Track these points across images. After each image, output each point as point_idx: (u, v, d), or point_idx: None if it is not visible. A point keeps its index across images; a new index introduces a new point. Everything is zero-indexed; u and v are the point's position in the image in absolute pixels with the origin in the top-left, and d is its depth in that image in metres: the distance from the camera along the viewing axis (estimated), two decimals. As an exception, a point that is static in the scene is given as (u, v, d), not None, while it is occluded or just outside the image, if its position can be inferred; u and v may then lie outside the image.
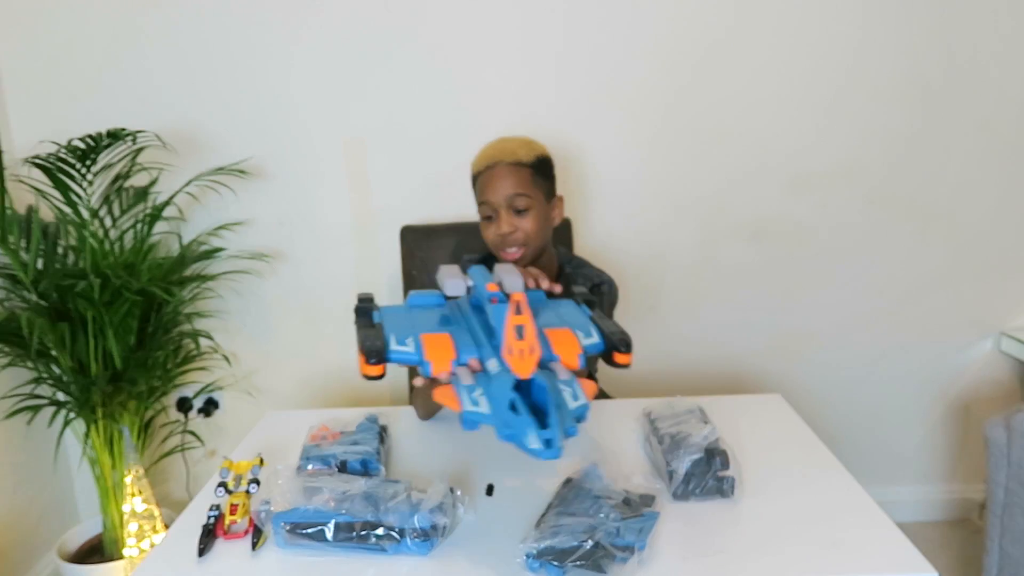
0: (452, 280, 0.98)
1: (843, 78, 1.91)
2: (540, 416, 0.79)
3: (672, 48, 1.89)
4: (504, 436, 0.80)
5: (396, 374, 2.07)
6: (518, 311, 0.86)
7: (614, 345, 0.92)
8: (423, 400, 1.33)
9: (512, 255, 1.33)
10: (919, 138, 1.94)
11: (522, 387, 0.82)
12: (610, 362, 0.94)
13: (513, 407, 0.79)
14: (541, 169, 1.38)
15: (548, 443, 0.76)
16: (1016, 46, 1.88)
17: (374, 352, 0.87)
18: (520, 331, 0.84)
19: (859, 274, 2.03)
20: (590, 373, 1.51)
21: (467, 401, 0.81)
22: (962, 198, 1.98)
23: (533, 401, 0.82)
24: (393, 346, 0.90)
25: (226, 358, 1.99)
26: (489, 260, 1.49)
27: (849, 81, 1.91)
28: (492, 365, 0.86)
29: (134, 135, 1.74)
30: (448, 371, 0.87)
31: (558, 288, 1.08)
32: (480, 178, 1.36)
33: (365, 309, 1.00)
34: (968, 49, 1.88)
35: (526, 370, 0.82)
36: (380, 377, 0.88)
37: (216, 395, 2.09)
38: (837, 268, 2.03)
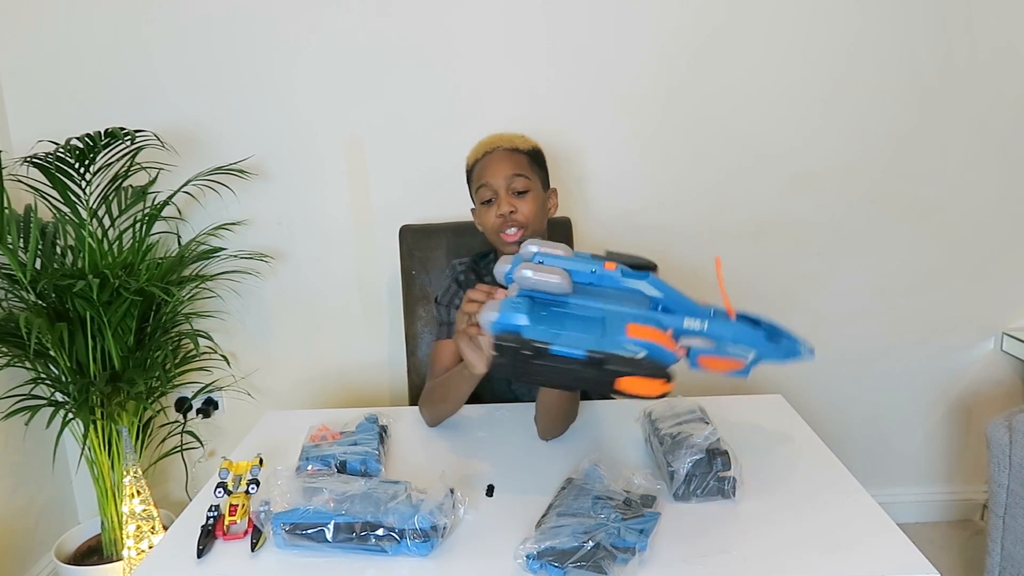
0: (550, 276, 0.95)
1: (843, 77, 1.91)
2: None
3: (671, 48, 1.89)
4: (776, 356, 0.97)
5: (396, 374, 2.07)
6: None
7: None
8: (438, 402, 1.32)
9: (512, 236, 1.33)
10: (920, 137, 1.94)
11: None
12: None
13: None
14: (536, 158, 1.41)
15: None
16: (1015, 44, 1.88)
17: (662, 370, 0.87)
18: None
19: (860, 273, 2.03)
20: None
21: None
22: (964, 197, 1.98)
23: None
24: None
25: (225, 358, 1.98)
26: (478, 263, 1.49)
27: (849, 79, 1.91)
28: (691, 323, 0.97)
29: (133, 135, 1.73)
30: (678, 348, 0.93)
31: None
32: (478, 164, 1.39)
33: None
34: (968, 47, 1.88)
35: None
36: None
37: (215, 395, 2.09)
38: (838, 267, 2.02)
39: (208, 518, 0.99)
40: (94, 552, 1.90)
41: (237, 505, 1.00)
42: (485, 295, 1.05)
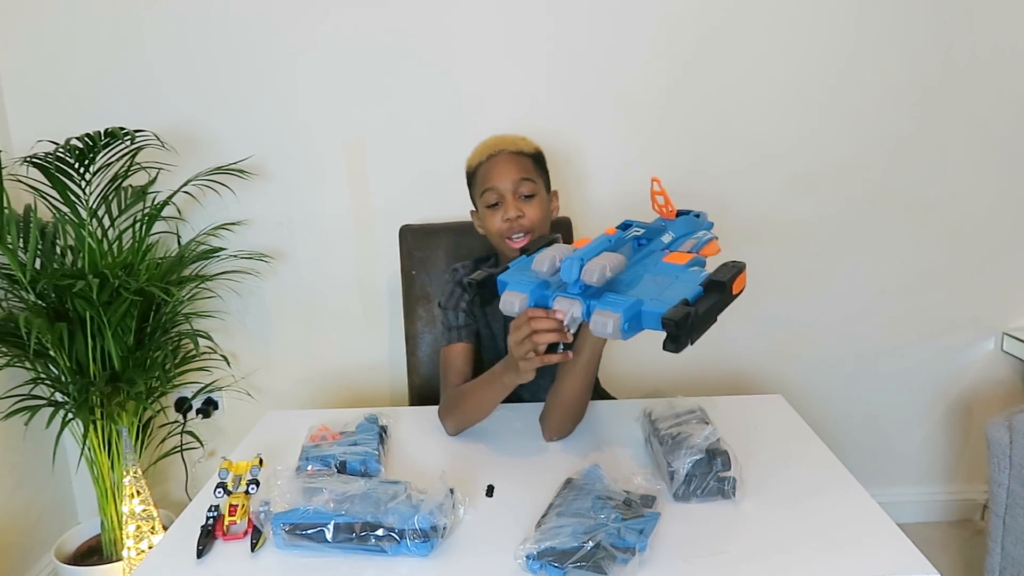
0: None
1: (843, 77, 1.90)
2: None
3: (670, 49, 1.89)
4: None
5: (396, 374, 2.07)
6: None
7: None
8: (470, 412, 1.28)
9: (518, 242, 1.33)
10: (920, 136, 1.94)
11: None
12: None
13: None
14: (539, 161, 1.41)
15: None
16: (1016, 44, 1.88)
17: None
18: None
19: (860, 273, 2.03)
20: None
21: None
22: (964, 197, 1.98)
23: None
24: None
25: (225, 358, 1.98)
26: (479, 267, 1.49)
27: (849, 79, 1.91)
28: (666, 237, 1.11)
29: (132, 134, 1.73)
30: None
31: None
32: (483, 167, 1.37)
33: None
34: (968, 47, 1.88)
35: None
36: None
37: (215, 395, 2.09)
38: (838, 267, 2.02)
39: (208, 518, 0.99)
40: (94, 552, 1.90)
41: (237, 505, 1.00)
42: (555, 322, 1.01)
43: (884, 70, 1.90)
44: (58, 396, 1.83)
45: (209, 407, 2.10)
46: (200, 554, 0.94)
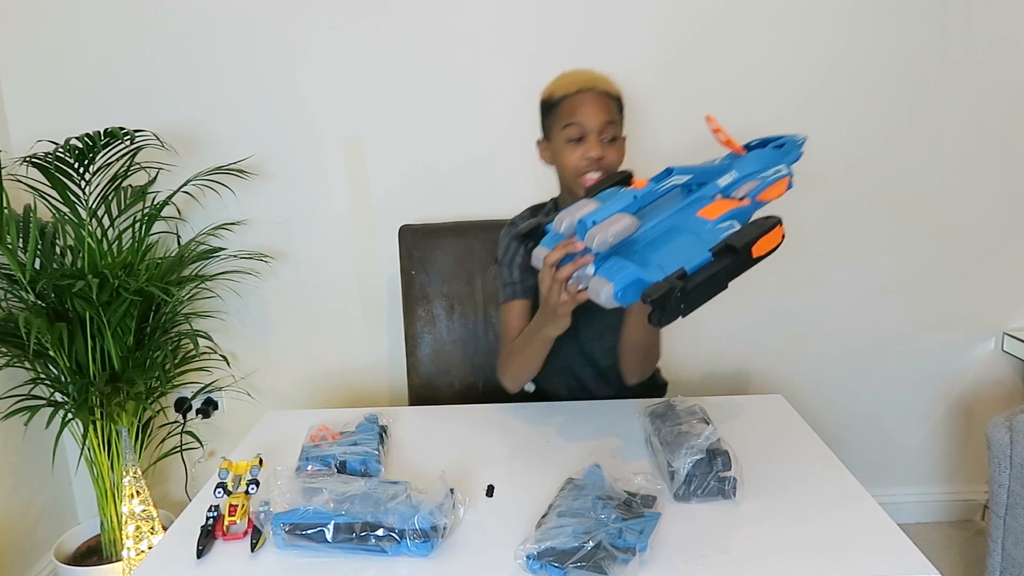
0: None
1: (842, 76, 1.90)
2: None
3: (666, 47, 1.89)
4: None
5: (396, 374, 2.07)
6: None
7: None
8: (524, 369, 1.32)
9: (591, 181, 1.29)
10: (919, 136, 1.94)
11: None
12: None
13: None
14: (621, 106, 1.37)
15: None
16: (1018, 43, 1.88)
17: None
18: None
19: (860, 273, 2.03)
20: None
21: None
22: (964, 196, 1.97)
23: None
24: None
25: (225, 358, 1.98)
26: (536, 216, 1.44)
27: (848, 79, 1.91)
28: (725, 179, 1.03)
29: (132, 134, 1.73)
30: None
31: None
32: (568, 100, 1.31)
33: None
34: (966, 46, 1.88)
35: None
36: None
37: (215, 396, 2.09)
38: (838, 267, 2.02)
39: (208, 518, 0.99)
40: (93, 552, 1.90)
41: (237, 505, 1.00)
42: (563, 249, 1.02)
43: (882, 68, 1.90)
44: (58, 396, 1.83)
45: (209, 407, 2.10)
46: (200, 554, 0.94)
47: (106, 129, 1.67)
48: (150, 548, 1.69)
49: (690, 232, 0.97)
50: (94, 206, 1.79)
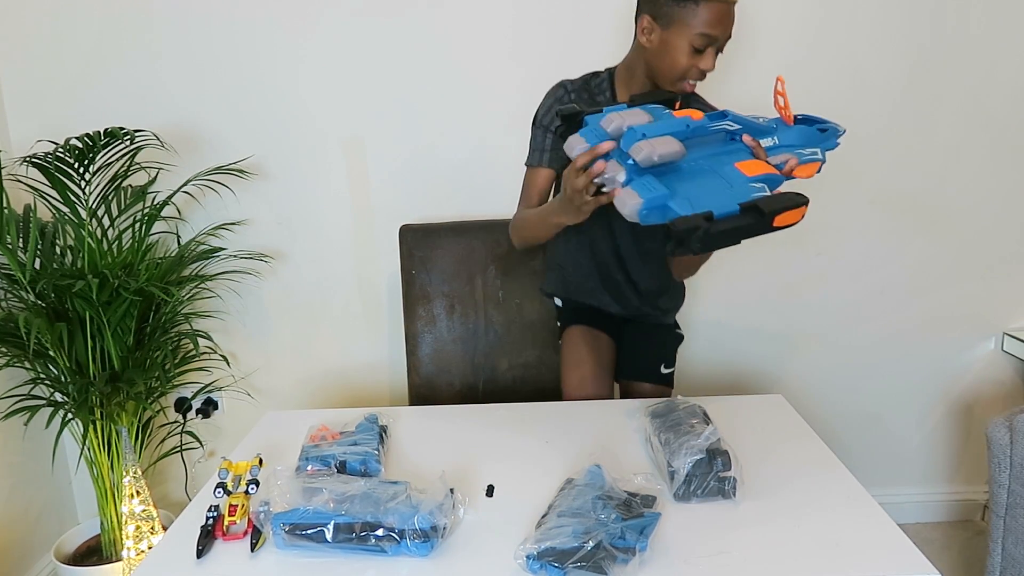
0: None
1: (842, 76, 1.90)
2: None
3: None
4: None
5: (396, 374, 2.07)
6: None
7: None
8: (531, 237, 1.39)
9: (692, 88, 1.30)
10: (919, 136, 1.94)
11: None
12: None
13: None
14: None
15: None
16: (1015, 39, 1.88)
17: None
18: None
19: (860, 274, 2.03)
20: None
21: None
22: (964, 197, 1.98)
23: None
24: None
25: (225, 358, 1.98)
26: (590, 83, 1.44)
27: (849, 79, 1.90)
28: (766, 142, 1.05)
29: (132, 134, 1.73)
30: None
31: None
32: (711, 6, 1.21)
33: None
34: (966, 44, 1.88)
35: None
36: None
37: (215, 395, 2.09)
38: (838, 267, 2.02)
39: (208, 518, 0.99)
40: (93, 552, 1.90)
41: (237, 505, 1.00)
42: (592, 155, 1.03)
43: (882, 69, 1.90)
44: (58, 396, 1.83)
45: (209, 407, 2.10)
46: (200, 554, 0.94)
47: (106, 129, 1.67)
48: (150, 548, 1.69)
49: (724, 179, 0.98)
50: (94, 206, 1.79)
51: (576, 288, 1.57)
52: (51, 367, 1.78)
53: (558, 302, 1.64)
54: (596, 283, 1.53)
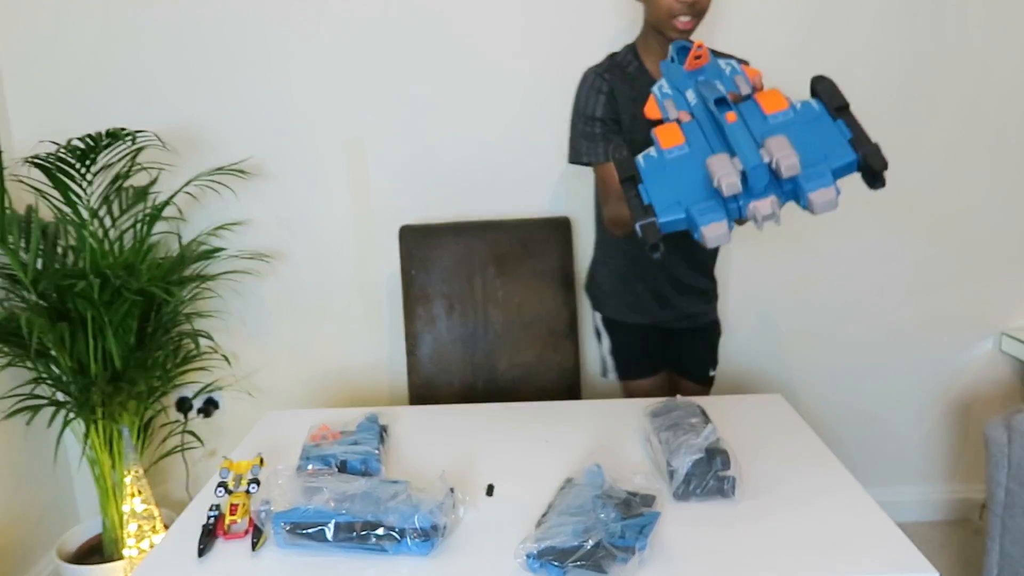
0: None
1: (842, 76, 1.90)
2: None
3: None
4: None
5: (396, 374, 2.08)
6: None
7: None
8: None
9: (686, 24, 1.32)
10: (918, 137, 1.94)
11: None
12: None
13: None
14: None
15: None
16: (1013, 40, 1.88)
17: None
18: None
19: (859, 274, 2.03)
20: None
21: None
22: (962, 198, 1.98)
23: None
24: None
25: (226, 358, 1.99)
26: (615, 60, 1.48)
27: (847, 79, 1.90)
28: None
29: (134, 135, 1.74)
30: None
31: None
32: None
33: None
34: (966, 45, 1.88)
35: None
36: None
37: (216, 395, 2.09)
38: (837, 267, 2.02)
39: (209, 517, 0.99)
40: (95, 551, 1.91)
41: (238, 504, 1.00)
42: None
43: (881, 69, 1.90)
44: (59, 396, 1.83)
45: (210, 407, 2.10)
46: (201, 553, 0.95)
47: (108, 130, 1.68)
48: (151, 547, 1.70)
49: (782, 130, 1.02)
50: (96, 206, 1.80)
51: (630, 308, 1.61)
52: (53, 367, 1.78)
53: (607, 341, 1.67)
54: (649, 302, 1.58)
